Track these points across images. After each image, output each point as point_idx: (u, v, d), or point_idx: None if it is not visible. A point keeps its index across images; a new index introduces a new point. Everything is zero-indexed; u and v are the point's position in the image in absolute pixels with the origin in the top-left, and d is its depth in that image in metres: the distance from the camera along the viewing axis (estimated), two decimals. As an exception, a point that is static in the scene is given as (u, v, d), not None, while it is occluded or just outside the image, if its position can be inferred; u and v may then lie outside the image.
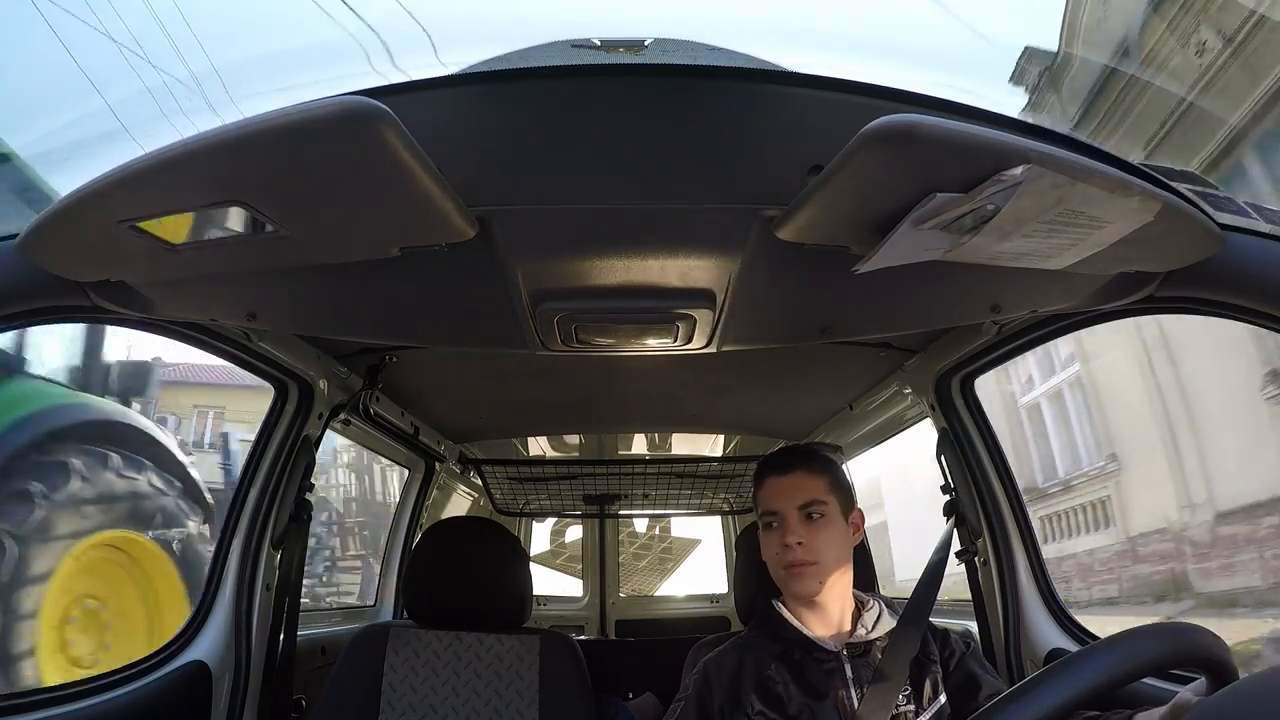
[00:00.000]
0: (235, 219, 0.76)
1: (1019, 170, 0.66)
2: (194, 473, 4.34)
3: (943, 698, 1.16)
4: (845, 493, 1.23)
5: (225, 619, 1.45)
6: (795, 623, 1.19)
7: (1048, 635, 1.46)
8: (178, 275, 0.90)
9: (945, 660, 1.19)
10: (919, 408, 1.73)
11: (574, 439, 2.79)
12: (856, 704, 1.12)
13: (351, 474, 8.67)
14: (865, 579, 1.35)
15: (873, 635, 1.18)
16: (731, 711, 1.15)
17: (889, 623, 1.20)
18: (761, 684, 1.15)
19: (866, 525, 1.30)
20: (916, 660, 1.16)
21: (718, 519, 3.59)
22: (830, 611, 1.20)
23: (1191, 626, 0.70)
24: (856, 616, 1.21)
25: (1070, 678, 0.65)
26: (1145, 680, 0.68)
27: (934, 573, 1.34)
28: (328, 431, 1.68)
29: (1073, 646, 1.43)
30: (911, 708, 1.13)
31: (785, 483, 1.21)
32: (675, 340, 1.11)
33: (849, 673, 1.15)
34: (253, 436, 1.57)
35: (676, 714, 1.20)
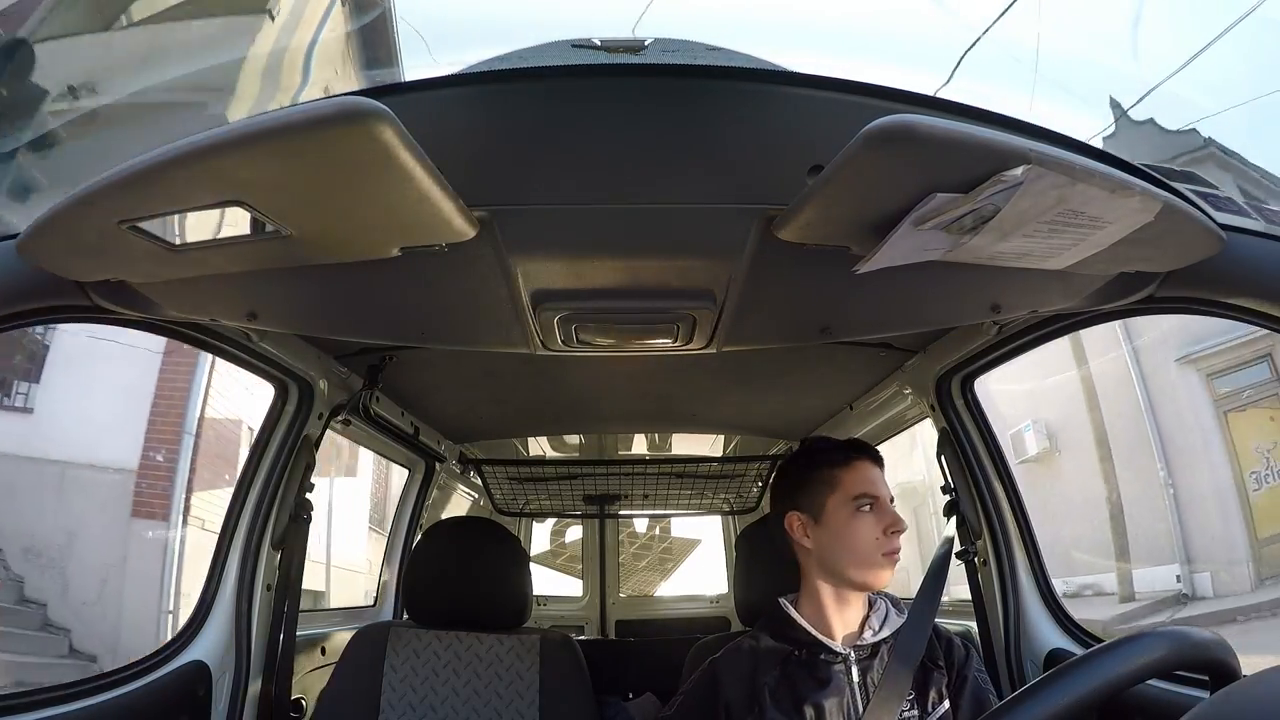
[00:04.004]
0: (235, 219, 0.76)
1: (1019, 170, 0.66)
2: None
3: (946, 704, 1.15)
4: None
5: (225, 619, 1.45)
6: (804, 623, 1.18)
7: (1048, 636, 1.46)
8: (178, 275, 0.90)
9: (950, 667, 1.18)
10: (919, 408, 1.73)
11: (574, 439, 2.80)
12: (862, 708, 1.11)
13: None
14: None
15: (880, 636, 1.17)
16: (739, 713, 1.14)
17: (895, 621, 1.19)
18: (769, 685, 1.14)
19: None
20: (922, 665, 1.15)
21: (717, 519, 3.59)
22: (856, 608, 1.19)
23: (1195, 630, 0.70)
24: (865, 617, 1.20)
25: (1074, 681, 0.65)
26: (1147, 681, 0.69)
27: (937, 574, 1.32)
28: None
29: (1073, 647, 1.43)
30: (915, 713, 1.12)
31: (879, 472, 1.22)
32: (675, 340, 1.11)
33: (855, 676, 1.14)
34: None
35: (676, 706, 1.19)
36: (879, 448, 2.18)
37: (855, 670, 1.14)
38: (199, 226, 0.78)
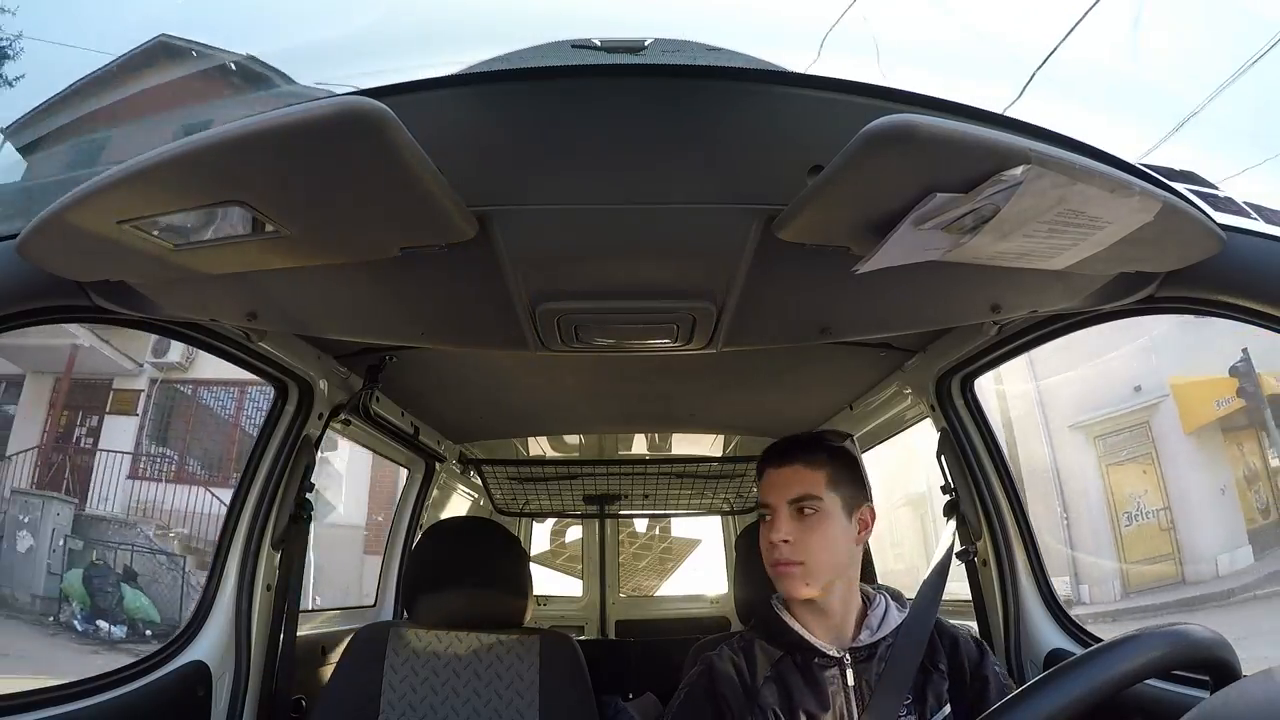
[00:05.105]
0: (235, 219, 0.76)
1: (1019, 170, 0.66)
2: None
3: (947, 708, 1.11)
4: (851, 487, 1.17)
5: (225, 619, 1.45)
6: (794, 625, 1.15)
7: (1048, 636, 1.46)
8: (178, 275, 0.90)
9: (955, 670, 1.14)
10: (919, 408, 1.73)
11: (574, 439, 2.80)
12: (857, 713, 1.09)
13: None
14: (864, 575, 1.35)
15: (877, 636, 1.14)
16: (736, 713, 1.12)
17: (895, 619, 1.16)
18: (763, 688, 1.12)
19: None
20: (921, 667, 1.12)
21: (718, 519, 3.59)
22: (832, 613, 1.14)
23: (1195, 628, 0.70)
24: (862, 617, 1.16)
25: (1073, 681, 0.65)
26: (1147, 680, 0.68)
27: (938, 577, 1.30)
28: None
29: (1073, 647, 1.42)
30: (914, 718, 1.10)
31: (780, 475, 1.16)
32: (675, 340, 1.11)
33: (850, 680, 1.11)
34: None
35: (677, 705, 1.16)
36: (879, 447, 2.19)
37: (850, 674, 1.11)
38: (199, 226, 0.78)
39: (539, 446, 2.81)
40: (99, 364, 9.84)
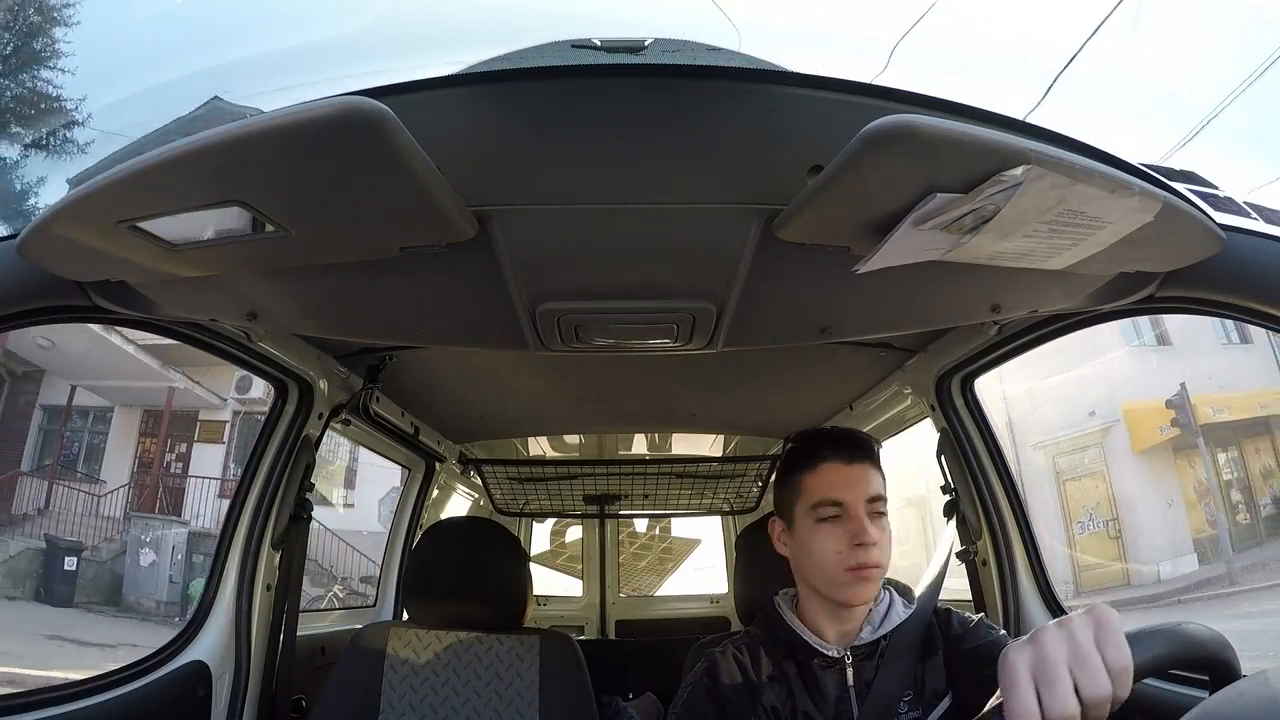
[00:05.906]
0: (235, 219, 0.76)
1: (1019, 170, 0.66)
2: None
3: (947, 700, 1.11)
4: None
5: (225, 619, 1.45)
6: (795, 625, 1.15)
7: None
8: (178, 275, 0.90)
9: (950, 647, 1.13)
10: (919, 408, 1.73)
11: (574, 439, 2.80)
12: (856, 711, 1.09)
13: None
14: None
15: (879, 634, 1.13)
16: (736, 712, 1.11)
17: (899, 615, 1.15)
18: (764, 687, 1.11)
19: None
20: (921, 660, 1.12)
21: (718, 519, 3.59)
22: (855, 616, 1.13)
23: (1195, 626, 0.70)
24: (866, 612, 1.15)
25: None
26: (1146, 680, 0.68)
27: (936, 578, 1.29)
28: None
29: None
30: (917, 714, 1.09)
31: (852, 472, 1.10)
32: (675, 340, 1.11)
33: (850, 678, 1.10)
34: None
35: (680, 704, 1.15)
36: (878, 447, 2.19)
37: (850, 672, 1.11)
38: (199, 227, 0.78)
39: (539, 446, 2.81)
40: (189, 401, 11.58)
